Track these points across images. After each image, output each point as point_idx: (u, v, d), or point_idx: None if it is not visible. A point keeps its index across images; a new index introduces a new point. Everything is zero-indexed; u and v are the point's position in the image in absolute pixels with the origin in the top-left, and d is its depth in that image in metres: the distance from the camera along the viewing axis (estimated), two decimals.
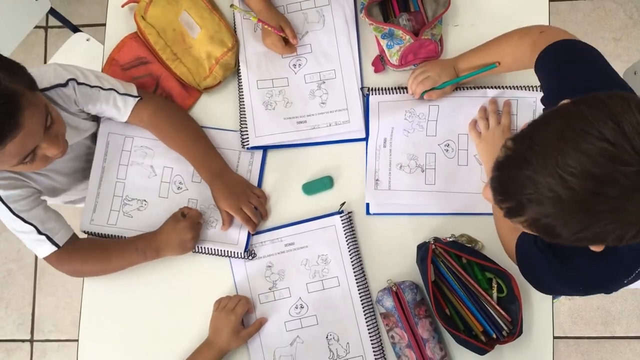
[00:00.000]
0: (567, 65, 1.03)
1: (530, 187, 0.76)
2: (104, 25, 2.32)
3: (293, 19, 1.42)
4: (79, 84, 1.24)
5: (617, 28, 2.24)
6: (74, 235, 1.33)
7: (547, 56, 1.08)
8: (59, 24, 1.94)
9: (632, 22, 2.24)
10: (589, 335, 2.09)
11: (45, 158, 1.14)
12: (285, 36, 1.36)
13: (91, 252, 1.34)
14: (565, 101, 0.81)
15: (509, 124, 1.30)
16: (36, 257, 2.28)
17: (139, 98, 1.32)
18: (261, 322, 1.31)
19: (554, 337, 1.28)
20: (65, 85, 1.22)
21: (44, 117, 1.08)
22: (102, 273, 1.37)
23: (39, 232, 1.24)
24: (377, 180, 1.34)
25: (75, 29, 1.93)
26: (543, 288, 1.13)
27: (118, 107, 1.31)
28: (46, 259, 1.30)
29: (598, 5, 2.26)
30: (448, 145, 1.34)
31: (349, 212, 1.34)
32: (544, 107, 1.07)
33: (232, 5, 1.37)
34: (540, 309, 1.28)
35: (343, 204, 1.34)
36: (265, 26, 1.35)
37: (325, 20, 1.41)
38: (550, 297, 1.28)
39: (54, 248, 1.27)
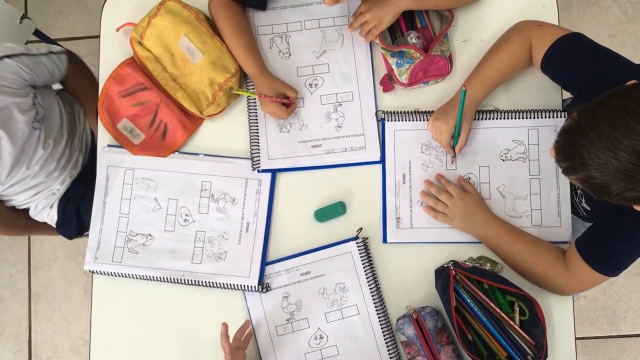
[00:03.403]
0: (583, 57, 1.15)
1: (584, 154, 0.91)
2: (86, 38, 2.27)
3: (311, 36, 1.36)
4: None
5: (612, 24, 2.22)
6: None
7: (559, 51, 1.17)
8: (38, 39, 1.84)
9: (627, 17, 2.22)
10: (594, 335, 2.10)
11: None
12: (286, 102, 1.31)
13: None
14: (630, 82, 0.95)
15: (457, 188, 1.28)
16: (29, 283, 2.21)
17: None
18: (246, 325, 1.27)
19: None
20: None
21: None
22: None
23: None
24: (398, 218, 1.30)
25: None
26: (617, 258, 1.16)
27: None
28: None
29: (592, 2, 2.23)
30: (469, 178, 1.31)
31: (364, 238, 1.30)
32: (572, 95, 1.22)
33: (231, 89, 1.31)
34: (562, 330, 1.27)
35: (360, 230, 1.30)
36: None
37: (344, 40, 1.36)
38: (572, 318, 1.27)
39: None
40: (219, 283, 1.30)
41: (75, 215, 1.55)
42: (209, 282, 1.30)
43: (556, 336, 1.27)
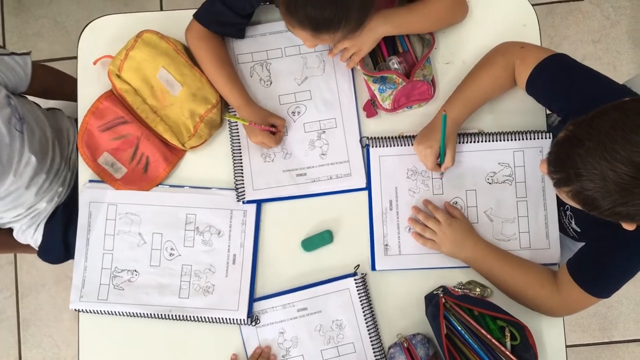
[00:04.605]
0: (568, 79, 1.14)
1: (580, 164, 0.89)
2: (67, 59, 2.24)
3: (292, 63, 1.34)
4: None
5: (595, 30, 2.21)
6: None
7: (544, 73, 1.17)
8: None
9: (610, 22, 2.21)
10: (587, 342, 2.10)
11: None
12: (274, 130, 1.30)
13: None
14: (626, 99, 0.94)
15: (444, 214, 1.27)
16: (17, 309, 2.18)
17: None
18: None
19: None
20: None
21: None
22: None
23: None
24: (386, 245, 1.29)
25: None
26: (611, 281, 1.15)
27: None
28: None
29: (575, 8, 2.22)
30: (456, 203, 1.30)
31: (363, 275, 1.29)
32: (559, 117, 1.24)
33: (225, 115, 1.29)
34: (554, 354, 1.26)
35: (357, 266, 1.29)
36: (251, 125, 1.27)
37: (325, 65, 1.34)
38: (564, 343, 1.27)
39: None
40: (208, 317, 1.29)
41: (62, 240, 1.52)
42: (197, 317, 1.29)
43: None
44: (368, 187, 1.31)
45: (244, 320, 1.28)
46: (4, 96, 1.30)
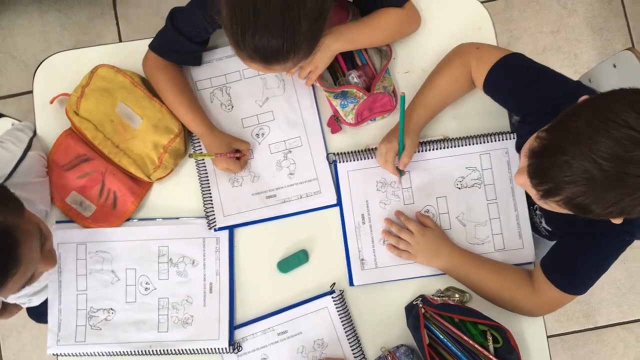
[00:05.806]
0: (523, 78, 1.16)
1: (567, 171, 0.87)
2: (27, 93, 2.20)
3: (251, 85, 1.33)
4: None
5: (553, 20, 2.24)
6: None
7: (499, 73, 1.19)
8: None
9: (567, 11, 2.24)
10: (572, 330, 2.12)
11: (40, 274, 1.05)
12: (239, 155, 1.29)
13: None
14: (584, 97, 0.94)
15: (417, 225, 1.27)
16: (0, 351, 2.14)
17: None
18: None
19: None
20: None
21: (39, 241, 0.99)
22: None
23: None
24: (362, 260, 1.29)
25: None
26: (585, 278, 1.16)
27: None
28: None
29: (532, 0, 2.24)
30: (428, 211, 1.30)
31: (340, 291, 1.28)
32: (517, 117, 1.25)
33: (191, 155, 1.26)
34: (537, 353, 1.27)
35: (333, 284, 1.28)
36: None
37: (285, 84, 1.33)
38: (545, 339, 1.27)
39: None
40: (189, 349, 1.27)
41: None
42: (178, 350, 1.27)
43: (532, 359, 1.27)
44: (339, 203, 1.31)
45: (225, 348, 1.26)
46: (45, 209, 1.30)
